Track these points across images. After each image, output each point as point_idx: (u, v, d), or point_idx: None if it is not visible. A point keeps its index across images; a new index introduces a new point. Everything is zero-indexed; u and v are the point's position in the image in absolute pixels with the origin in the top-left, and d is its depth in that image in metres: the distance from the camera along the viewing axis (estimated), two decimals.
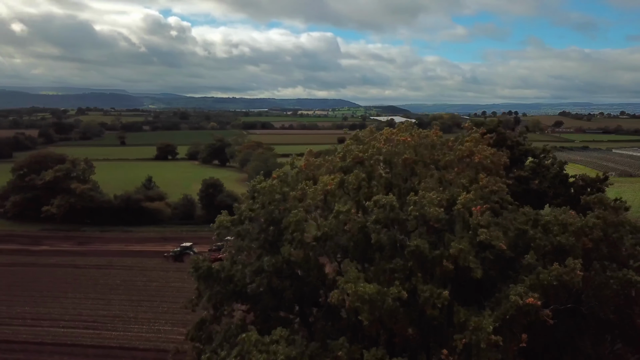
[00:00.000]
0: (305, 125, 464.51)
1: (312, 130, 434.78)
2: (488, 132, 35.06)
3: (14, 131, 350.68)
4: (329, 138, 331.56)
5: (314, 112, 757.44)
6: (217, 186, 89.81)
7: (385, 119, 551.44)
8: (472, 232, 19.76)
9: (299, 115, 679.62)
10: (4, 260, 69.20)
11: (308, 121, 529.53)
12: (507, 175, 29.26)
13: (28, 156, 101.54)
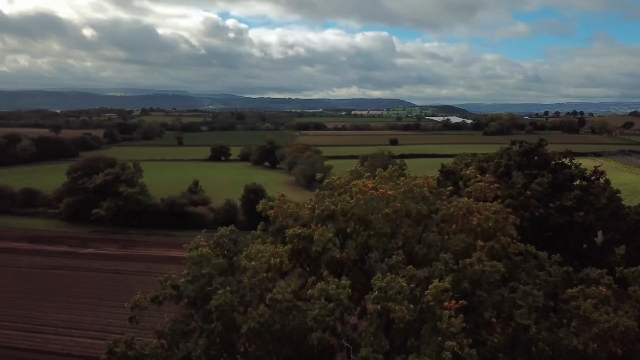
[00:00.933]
0: (358, 125, 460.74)
1: (365, 130, 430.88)
2: (528, 152, 31.47)
3: (82, 131, 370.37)
4: (382, 139, 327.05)
5: (368, 112, 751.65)
6: (259, 192, 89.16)
7: (441, 119, 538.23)
8: (441, 340, 15.47)
9: (353, 116, 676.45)
10: (51, 263, 71.55)
11: (361, 121, 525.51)
12: (547, 205, 25.78)
13: (82, 159, 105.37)
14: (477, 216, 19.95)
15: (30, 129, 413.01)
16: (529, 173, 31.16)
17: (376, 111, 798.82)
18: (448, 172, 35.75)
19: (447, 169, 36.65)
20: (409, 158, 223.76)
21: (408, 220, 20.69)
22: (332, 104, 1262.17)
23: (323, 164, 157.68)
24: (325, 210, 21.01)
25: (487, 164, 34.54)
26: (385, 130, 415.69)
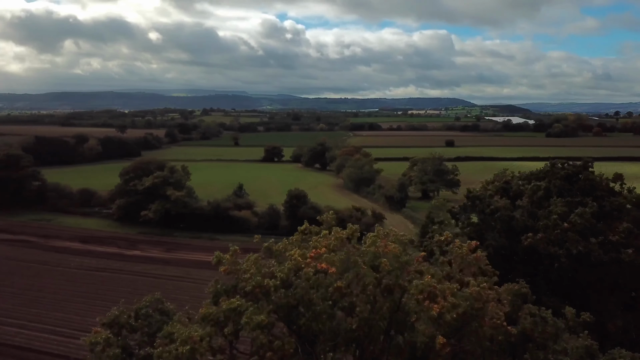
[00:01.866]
0: (414, 126, 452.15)
1: (420, 131, 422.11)
2: (572, 175, 28.03)
3: (145, 131, 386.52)
4: (437, 140, 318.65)
5: (426, 112, 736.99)
6: (301, 197, 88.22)
7: (501, 119, 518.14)
8: None
9: (410, 116, 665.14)
10: (97, 264, 73.87)
11: (418, 122, 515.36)
12: (588, 239, 22.44)
13: (133, 162, 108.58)
14: (441, 303, 15.84)
15: (100, 129, 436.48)
16: (570, 200, 27.79)
17: (434, 111, 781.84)
18: (474, 199, 32.72)
19: (474, 194, 33.57)
20: (465, 161, 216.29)
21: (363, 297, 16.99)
22: (388, 103, 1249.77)
23: (372, 167, 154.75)
24: (257, 285, 17.57)
25: (525, 187, 31.31)
26: (441, 131, 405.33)
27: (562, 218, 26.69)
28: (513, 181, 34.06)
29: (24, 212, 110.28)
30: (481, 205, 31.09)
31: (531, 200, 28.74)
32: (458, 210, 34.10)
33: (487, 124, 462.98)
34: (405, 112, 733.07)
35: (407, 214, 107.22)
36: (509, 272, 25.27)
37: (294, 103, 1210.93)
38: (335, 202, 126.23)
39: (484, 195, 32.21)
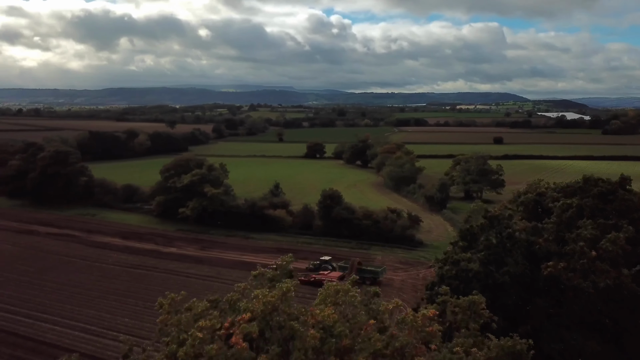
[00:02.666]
0: (461, 121, 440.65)
1: (468, 127, 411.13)
2: (605, 194, 25.27)
3: (193, 126, 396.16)
4: (485, 137, 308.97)
5: (475, 107, 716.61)
6: (335, 197, 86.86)
7: (555, 115, 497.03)
8: None
9: (458, 111, 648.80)
10: (134, 261, 75.48)
11: (466, 117, 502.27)
12: (620, 269, 19.87)
13: (174, 159, 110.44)
14: None
15: (151, 124, 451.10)
16: (603, 223, 25.02)
17: (484, 106, 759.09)
18: (493, 219, 30.18)
19: (492, 214, 31.02)
20: (513, 159, 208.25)
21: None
22: (436, 98, 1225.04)
23: (413, 165, 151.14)
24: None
25: (554, 204, 28.58)
26: (490, 127, 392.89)
27: (592, 243, 24.01)
28: (547, 193, 31.35)
29: (72, 206, 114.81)
30: (499, 227, 28.70)
31: (560, 220, 26.11)
32: (477, 230, 31.77)
33: (539, 120, 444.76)
34: (454, 107, 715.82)
35: (447, 215, 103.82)
36: (528, 303, 22.97)
37: (340, 98, 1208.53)
38: (373, 202, 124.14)
39: (503, 215, 29.73)
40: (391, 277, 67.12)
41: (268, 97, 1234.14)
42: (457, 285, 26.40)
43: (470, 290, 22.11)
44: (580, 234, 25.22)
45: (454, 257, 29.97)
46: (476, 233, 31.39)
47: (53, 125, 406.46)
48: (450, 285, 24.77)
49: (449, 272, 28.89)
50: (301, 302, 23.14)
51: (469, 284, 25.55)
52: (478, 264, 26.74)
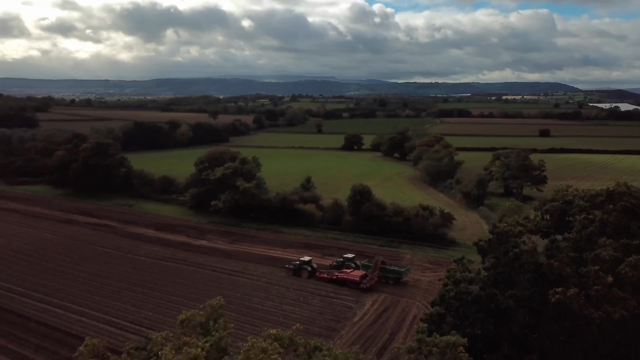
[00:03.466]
0: (507, 112, 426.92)
1: (514, 119, 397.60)
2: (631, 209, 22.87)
3: (235, 117, 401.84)
4: (531, 129, 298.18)
5: (522, 98, 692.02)
6: (365, 193, 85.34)
7: (608, 106, 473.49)
8: None
9: (504, 101, 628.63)
10: (164, 253, 76.74)
11: (512, 108, 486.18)
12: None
13: (208, 152, 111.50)
14: None
15: (194, 114, 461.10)
16: (627, 243, 22.53)
17: (532, 96, 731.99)
18: (501, 235, 27.93)
19: (500, 230, 28.74)
20: (559, 153, 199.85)
21: None
22: (482, 88, 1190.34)
23: (452, 159, 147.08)
24: None
25: (574, 218, 26.14)
26: (537, 119, 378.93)
27: (612, 266, 21.68)
28: (575, 202, 28.88)
29: (112, 196, 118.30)
30: (506, 246, 26.59)
31: (579, 237, 23.81)
32: (485, 246, 29.71)
33: (590, 112, 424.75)
34: (500, 97, 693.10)
35: (483, 213, 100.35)
36: (535, 330, 21.04)
37: (382, 88, 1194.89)
38: (408, 197, 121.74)
39: (512, 231, 27.51)
40: (419, 277, 65.31)
41: (310, 87, 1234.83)
42: (457, 307, 24.70)
43: (470, 314, 20.51)
44: (599, 254, 22.92)
45: (455, 276, 28.13)
46: (485, 249, 29.41)
47: (103, 115, 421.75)
48: (450, 307, 23.15)
49: (449, 292, 27.15)
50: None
51: (470, 307, 23.83)
52: (479, 286, 24.87)
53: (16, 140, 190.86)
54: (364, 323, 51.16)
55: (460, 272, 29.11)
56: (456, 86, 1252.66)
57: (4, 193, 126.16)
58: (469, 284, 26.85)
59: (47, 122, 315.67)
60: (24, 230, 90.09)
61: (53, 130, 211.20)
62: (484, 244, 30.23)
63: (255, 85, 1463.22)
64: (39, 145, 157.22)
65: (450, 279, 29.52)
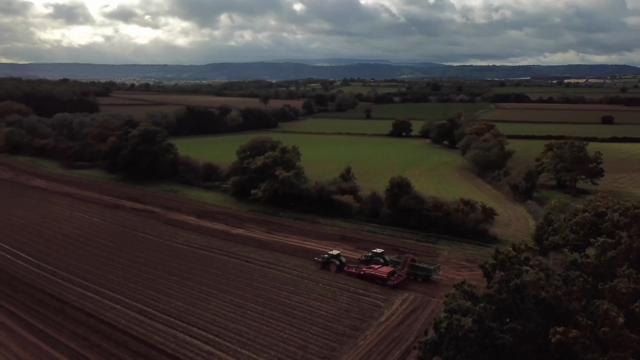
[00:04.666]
0: (568, 97, 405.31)
1: (575, 104, 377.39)
2: None
3: (285, 102, 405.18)
4: (593, 115, 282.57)
5: (586, 81, 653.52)
6: (404, 186, 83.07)
7: None
8: None
9: (565, 85, 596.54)
10: (201, 242, 78.12)
11: (574, 92, 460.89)
12: None
13: (249, 140, 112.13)
14: None
15: (246, 99, 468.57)
16: None
17: (597, 79, 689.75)
18: (503, 262, 25.46)
19: (504, 255, 26.17)
20: (622, 142, 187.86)
21: None
22: (543, 71, 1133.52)
23: (502, 148, 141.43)
24: None
25: (597, 240, 23.38)
26: (601, 105, 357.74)
27: (629, 300, 19.11)
28: (607, 214, 26.05)
29: (158, 182, 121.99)
30: (509, 274, 24.23)
31: (598, 261, 21.21)
32: (490, 268, 27.36)
33: None
34: (561, 81, 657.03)
35: (531, 207, 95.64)
36: None
37: (436, 71, 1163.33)
38: (453, 187, 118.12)
39: (517, 258, 24.99)
40: (453, 275, 62.99)
41: (362, 71, 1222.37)
42: (449, 340, 22.80)
43: (462, 348, 18.84)
44: (616, 286, 20.33)
45: (451, 304, 26.09)
46: (490, 271, 27.16)
47: (159, 100, 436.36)
48: (442, 338, 21.43)
49: (442, 321, 25.20)
50: None
51: (462, 342, 21.95)
52: (472, 320, 22.82)
53: (77, 125, 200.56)
54: (391, 323, 49.89)
55: (457, 300, 27.08)
56: (515, 69, 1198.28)
57: (62, 177, 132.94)
58: (464, 314, 24.82)
59: (108, 106, 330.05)
60: (75, 215, 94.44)
61: (108, 116, 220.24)
62: (489, 267, 28.03)
63: (308, 69, 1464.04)
64: (94, 130, 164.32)
65: (448, 305, 27.58)
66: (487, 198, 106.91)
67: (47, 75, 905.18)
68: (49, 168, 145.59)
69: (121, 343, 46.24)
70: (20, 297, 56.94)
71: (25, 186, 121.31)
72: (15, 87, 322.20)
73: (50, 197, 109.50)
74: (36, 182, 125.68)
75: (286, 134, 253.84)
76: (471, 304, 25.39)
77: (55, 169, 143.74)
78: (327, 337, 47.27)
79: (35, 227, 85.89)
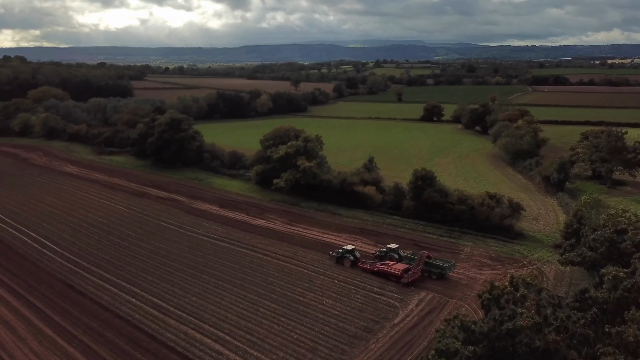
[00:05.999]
0: (611, 80, 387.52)
1: (618, 87, 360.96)
2: None
3: (315, 85, 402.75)
4: (638, 99, 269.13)
5: (632, 62, 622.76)
6: (428, 179, 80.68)
7: None
8: None
9: (608, 67, 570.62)
10: (222, 233, 78.17)
11: (618, 74, 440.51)
12: None
13: (273, 129, 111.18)
14: None
15: (277, 82, 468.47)
16: None
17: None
18: (498, 298, 23.23)
19: (495, 293, 23.67)
20: None
21: None
22: (585, 51, 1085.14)
23: (536, 136, 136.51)
24: None
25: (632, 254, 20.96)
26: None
27: (636, 349, 16.96)
28: (628, 231, 23.75)
29: (184, 169, 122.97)
30: (502, 316, 22.16)
31: (607, 297, 19.04)
32: (486, 302, 25.28)
33: None
34: (605, 61, 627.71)
35: (562, 200, 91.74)
36: None
37: (473, 52, 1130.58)
38: (482, 177, 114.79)
39: (513, 296, 22.69)
40: (474, 274, 60.96)
41: (396, 52, 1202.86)
42: None
43: None
44: (622, 333, 18.09)
45: (439, 343, 24.27)
46: (487, 307, 25.07)
47: (192, 83, 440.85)
48: None
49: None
50: None
51: None
52: None
53: (110, 110, 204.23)
54: (405, 326, 48.57)
55: (447, 339, 25.21)
56: (555, 49, 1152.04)
57: (92, 163, 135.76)
58: (451, 357, 23.05)
59: (142, 90, 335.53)
60: (102, 203, 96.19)
61: (140, 102, 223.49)
62: (487, 301, 26.05)
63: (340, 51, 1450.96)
64: (124, 117, 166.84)
65: (437, 343, 25.74)
66: (517, 189, 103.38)
67: (87, 59, 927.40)
68: (81, 154, 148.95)
69: (133, 339, 46.63)
70: (43, 289, 58.25)
71: (58, 172, 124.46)
72: (54, 72, 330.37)
73: (80, 184, 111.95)
74: (68, 169, 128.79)
75: (315, 118, 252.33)
76: (461, 345, 23.62)
77: (87, 155, 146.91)
78: (338, 339, 46.42)
79: (62, 215, 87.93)
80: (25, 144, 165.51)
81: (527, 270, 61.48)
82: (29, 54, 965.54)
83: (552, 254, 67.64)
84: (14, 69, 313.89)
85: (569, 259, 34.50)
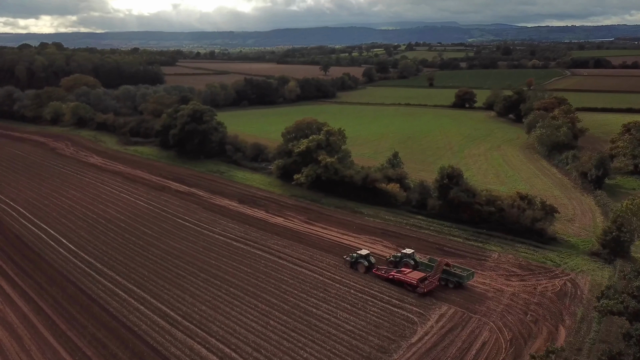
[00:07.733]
0: None
1: None
2: None
3: (345, 70, 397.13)
4: None
5: None
6: (454, 177, 76.29)
7: None
8: None
9: None
10: (238, 232, 75.97)
11: None
12: None
13: (295, 122, 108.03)
14: None
15: (307, 67, 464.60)
16: None
17: None
18: None
19: None
20: None
21: None
22: (628, 31, 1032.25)
23: (573, 127, 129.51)
24: None
25: None
26: None
27: None
28: None
29: (207, 161, 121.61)
30: None
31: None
32: None
33: None
34: None
35: (600, 199, 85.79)
36: None
37: (509, 33, 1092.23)
38: (514, 170, 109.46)
39: None
40: (501, 285, 56.83)
41: (429, 34, 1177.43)
42: None
43: None
44: None
45: None
46: None
47: (222, 68, 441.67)
48: None
49: None
50: None
51: None
52: None
53: (139, 98, 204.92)
54: (422, 346, 45.19)
55: None
56: (596, 30, 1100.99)
57: (117, 154, 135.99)
58: None
59: (172, 76, 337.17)
60: (122, 197, 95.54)
61: (169, 88, 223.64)
62: None
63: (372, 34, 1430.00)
64: (150, 106, 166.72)
65: None
66: (551, 185, 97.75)
67: (121, 45, 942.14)
68: (107, 144, 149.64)
69: (137, 353, 44.86)
70: (54, 292, 57.35)
71: (83, 164, 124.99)
72: (86, 59, 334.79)
73: (103, 176, 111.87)
74: (93, 159, 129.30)
75: (343, 105, 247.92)
76: None
77: (113, 145, 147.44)
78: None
79: (82, 210, 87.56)
80: (55, 133, 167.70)
81: (560, 281, 57.01)
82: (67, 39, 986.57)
83: (588, 262, 62.87)
84: (48, 57, 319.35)
85: (608, 307, 30.55)
